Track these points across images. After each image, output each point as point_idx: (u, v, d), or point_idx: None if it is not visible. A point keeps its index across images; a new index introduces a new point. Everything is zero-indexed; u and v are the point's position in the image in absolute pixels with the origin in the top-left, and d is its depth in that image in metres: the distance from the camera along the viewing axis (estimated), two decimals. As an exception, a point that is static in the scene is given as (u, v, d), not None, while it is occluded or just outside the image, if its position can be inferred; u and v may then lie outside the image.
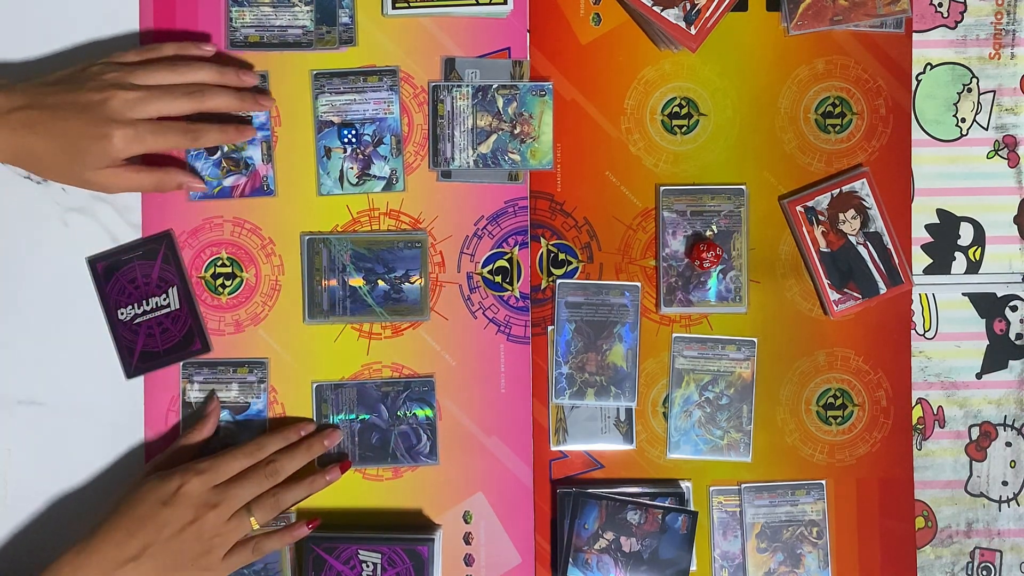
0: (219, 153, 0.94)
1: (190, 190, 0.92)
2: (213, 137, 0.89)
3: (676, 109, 0.97)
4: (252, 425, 0.94)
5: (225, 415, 0.94)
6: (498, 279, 0.96)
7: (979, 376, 1.00)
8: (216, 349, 0.94)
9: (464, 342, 0.95)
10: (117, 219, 0.94)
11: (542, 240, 0.97)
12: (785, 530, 0.96)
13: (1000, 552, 0.99)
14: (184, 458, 0.89)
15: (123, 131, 0.84)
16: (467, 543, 0.95)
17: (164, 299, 0.93)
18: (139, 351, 0.93)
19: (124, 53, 0.89)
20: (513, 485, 0.95)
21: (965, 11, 1.00)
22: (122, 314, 0.92)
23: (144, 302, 0.93)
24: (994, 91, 1.00)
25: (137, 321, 0.93)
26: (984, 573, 0.99)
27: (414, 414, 0.94)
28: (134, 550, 0.83)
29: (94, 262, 0.93)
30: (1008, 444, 1.00)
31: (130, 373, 0.93)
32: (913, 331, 0.99)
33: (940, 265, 1.00)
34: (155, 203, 0.94)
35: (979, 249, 1.00)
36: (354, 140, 0.94)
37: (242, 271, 0.95)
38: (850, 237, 0.97)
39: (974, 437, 1.00)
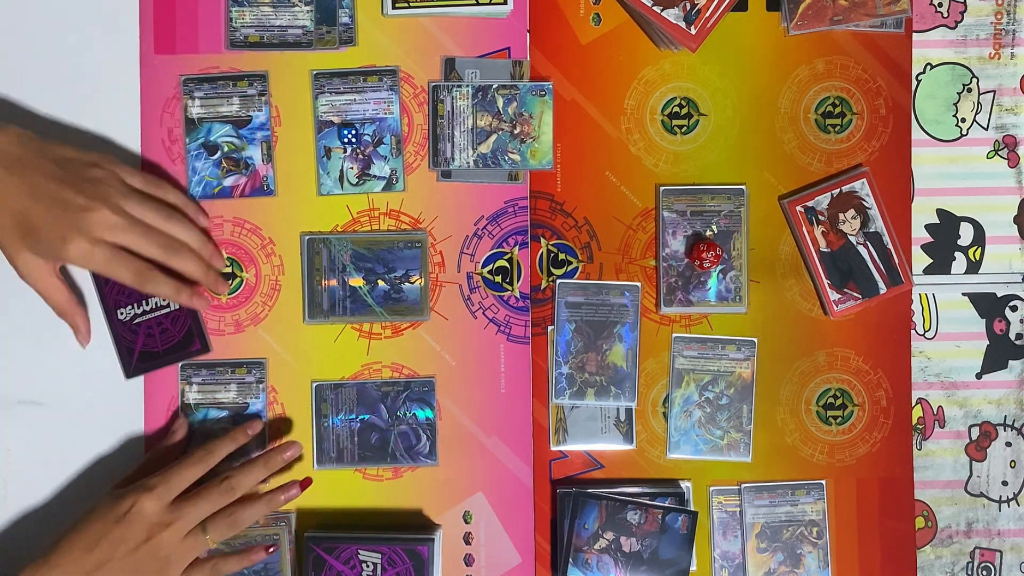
0: (219, 153, 0.94)
1: (75, 336, 0.91)
2: (163, 290, 0.87)
3: (676, 109, 0.97)
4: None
5: (224, 415, 0.94)
6: (498, 279, 0.96)
7: (979, 376, 1.00)
8: (216, 349, 0.94)
9: (464, 342, 0.95)
10: (117, 219, 0.94)
11: (542, 240, 0.97)
12: (785, 530, 0.96)
13: (1000, 552, 0.99)
14: (153, 471, 0.88)
15: (81, 245, 0.83)
16: (467, 543, 0.95)
17: (163, 299, 0.93)
18: (138, 351, 0.93)
19: (134, 173, 0.88)
20: (513, 485, 0.95)
21: (965, 11, 1.00)
22: (122, 314, 0.92)
23: (144, 302, 0.93)
24: (994, 91, 1.00)
25: (137, 321, 0.93)
26: (984, 573, 0.99)
27: (414, 414, 0.94)
28: (91, 565, 0.82)
29: None
30: (1008, 444, 1.00)
31: (129, 373, 0.93)
32: (913, 331, 0.99)
33: (940, 265, 1.00)
34: (155, 203, 0.94)
35: (979, 249, 1.00)
36: (354, 140, 0.94)
37: (242, 271, 0.95)
38: (850, 237, 0.97)
39: (974, 437, 1.00)
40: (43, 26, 0.94)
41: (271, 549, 0.90)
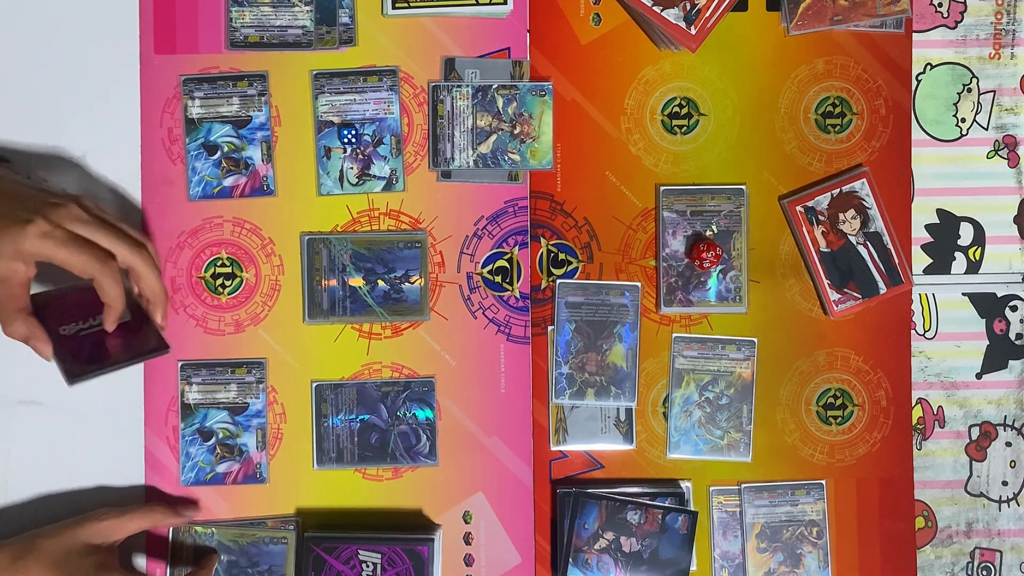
0: (219, 153, 0.94)
1: (34, 348, 0.84)
2: (113, 290, 0.83)
3: (676, 109, 0.97)
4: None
5: (224, 415, 0.94)
6: (498, 279, 0.96)
7: (979, 376, 1.00)
8: (216, 349, 0.94)
9: (464, 342, 0.95)
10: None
11: (542, 240, 0.97)
12: (785, 530, 0.96)
13: (1000, 552, 0.99)
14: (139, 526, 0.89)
15: (41, 225, 0.80)
16: (467, 543, 0.95)
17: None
18: (86, 357, 0.85)
19: (99, 207, 0.85)
20: (513, 485, 0.95)
21: (965, 11, 1.00)
22: (64, 330, 0.85)
23: (91, 319, 0.86)
24: (994, 91, 1.00)
25: (82, 334, 0.86)
26: (984, 573, 0.99)
27: (414, 414, 0.94)
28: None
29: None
30: (1008, 444, 1.00)
31: (73, 379, 0.83)
32: (913, 331, 0.99)
33: (940, 265, 1.00)
34: (155, 203, 0.94)
35: (979, 249, 1.00)
36: (354, 140, 0.94)
37: (242, 271, 0.95)
38: (850, 237, 0.97)
39: (974, 437, 1.00)
40: (43, 26, 0.94)
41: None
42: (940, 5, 0.99)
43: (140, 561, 0.94)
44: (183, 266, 0.94)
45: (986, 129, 1.00)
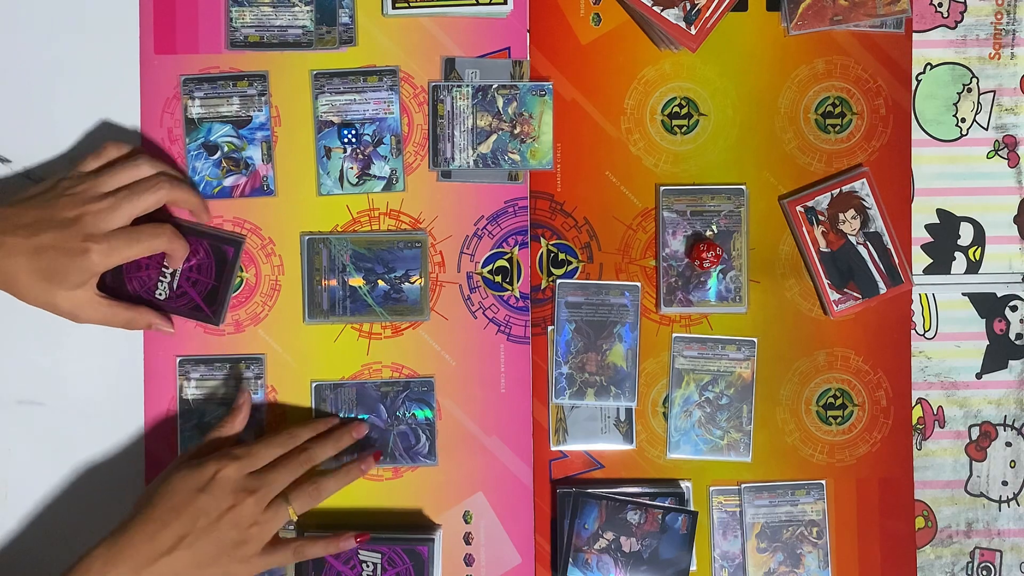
0: (219, 153, 0.94)
1: (159, 331, 0.92)
2: (173, 244, 0.89)
3: (676, 109, 0.97)
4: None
5: (222, 411, 0.94)
6: (498, 279, 0.96)
7: (979, 376, 1.00)
8: (215, 348, 0.94)
9: (464, 342, 0.95)
10: (117, 219, 0.94)
11: (542, 240, 0.97)
12: (785, 530, 0.96)
13: (1000, 552, 0.99)
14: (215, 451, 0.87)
15: (99, 246, 0.84)
16: (467, 543, 0.95)
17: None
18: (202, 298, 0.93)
19: (85, 160, 0.88)
20: (513, 485, 0.95)
21: (965, 11, 1.00)
22: (160, 293, 0.93)
23: (163, 270, 0.92)
24: (994, 91, 1.00)
25: (178, 288, 0.93)
26: (984, 573, 0.99)
27: (413, 414, 0.94)
28: (169, 542, 0.80)
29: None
30: (1008, 444, 1.00)
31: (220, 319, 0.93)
32: (913, 331, 0.99)
33: (940, 265, 1.00)
34: (155, 203, 0.94)
35: (979, 249, 1.00)
36: (354, 140, 0.94)
37: (242, 271, 0.95)
38: (850, 237, 0.97)
39: (974, 437, 1.00)
40: (43, 26, 0.94)
41: (360, 539, 0.88)
42: (940, 5, 0.99)
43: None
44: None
45: (986, 129, 1.00)
